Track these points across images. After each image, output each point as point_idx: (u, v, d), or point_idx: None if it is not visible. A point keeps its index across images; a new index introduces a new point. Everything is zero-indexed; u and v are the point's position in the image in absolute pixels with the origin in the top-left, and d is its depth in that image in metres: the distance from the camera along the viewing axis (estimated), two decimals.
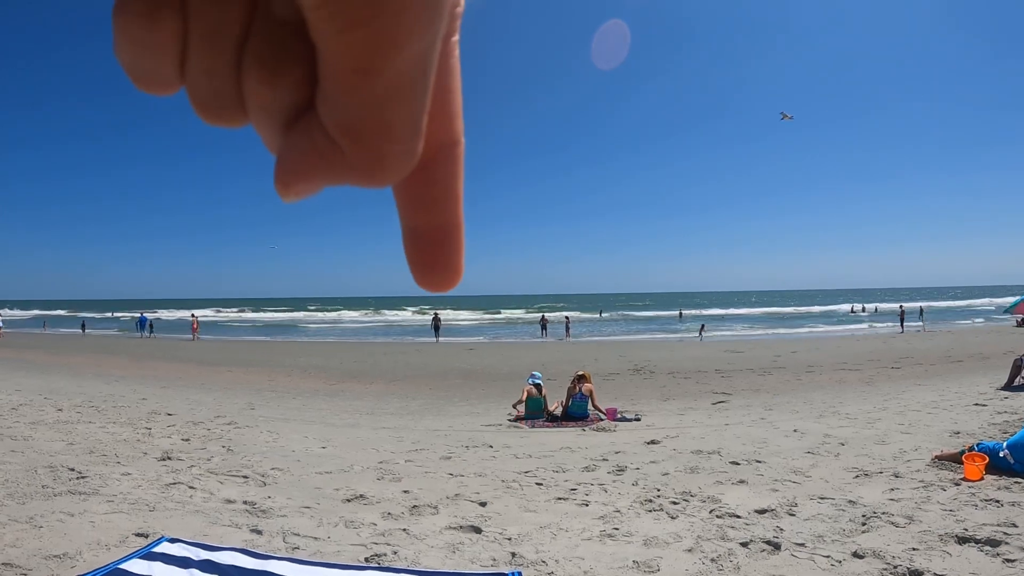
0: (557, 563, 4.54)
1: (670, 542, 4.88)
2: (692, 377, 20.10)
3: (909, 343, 31.68)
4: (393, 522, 5.73)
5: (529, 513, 5.90)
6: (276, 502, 6.38)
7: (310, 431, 11.18)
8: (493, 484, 7.06)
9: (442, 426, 12.07)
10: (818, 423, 10.23)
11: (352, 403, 16.20)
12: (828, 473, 6.85)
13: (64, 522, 5.55)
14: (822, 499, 5.84)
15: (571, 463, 8.12)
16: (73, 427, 10.37)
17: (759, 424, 10.59)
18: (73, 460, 7.90)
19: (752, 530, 5.03)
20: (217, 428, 10.95)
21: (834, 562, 4.36)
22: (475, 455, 8.96)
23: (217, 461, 8.28)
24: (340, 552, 4.98)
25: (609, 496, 6.38)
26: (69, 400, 14.00)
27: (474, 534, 5.32)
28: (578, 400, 12.68)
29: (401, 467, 8.10)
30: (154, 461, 8.14)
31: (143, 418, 11.77)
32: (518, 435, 11.00)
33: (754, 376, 19.81)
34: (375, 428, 11.86)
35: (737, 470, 7.25)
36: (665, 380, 19.67)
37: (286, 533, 5.42)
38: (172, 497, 6.49)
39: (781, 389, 16.51)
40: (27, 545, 4.94)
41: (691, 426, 10.90)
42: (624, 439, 9.89)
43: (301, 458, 8.69)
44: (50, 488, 6.59)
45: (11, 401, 13.26)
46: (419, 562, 4.71)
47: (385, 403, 16.23)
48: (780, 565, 4.36)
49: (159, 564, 4.65)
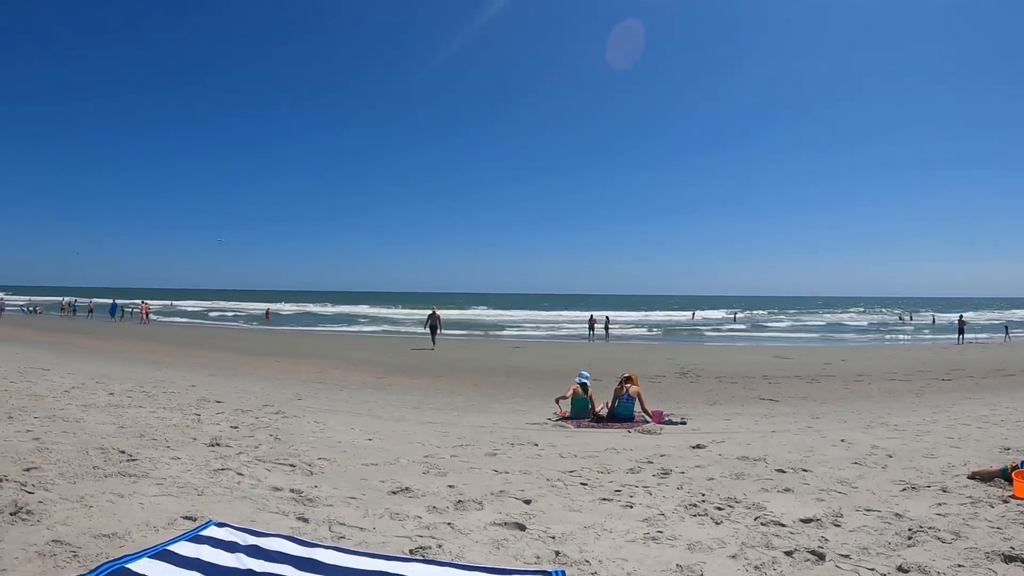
0: (600, 563, 4.55)
1: (714, 547, 4.87)
2: (739, 382, 19.98)
3: (961, 355, 31.25)
4: (438, 516, 5.77)
5: (573, 512, 5.91)
6: (322, 491, 6.45)
7: (357, 423, 11.27)
8: (538, 482, 7.09)
9: (487, 423, 12.11)
10: (866, 433, 10.14)
11: (399, 397, 16.27)
12: (875, 485, 6.79)
13: (114, 503, 5.64)
14: (868, 511, 5.79)
15: (616, 464, 8.12)
16: (124, 411, 10.53)
17: (806, 432, 10.51)
18: (124, 443, 8.02)
19: (797, 539, 5.01)
20: (265, 417, 11.08)
21: (878, 575, 4.34)
22: (520, 453, 8.99)
23: (265, 449, 8.39)
24: (385, 543, 5.02)
25: (653, 499, 6.38)
26: (120, 385, 14.22)
27: (518, 531, 5.34)
28: (624, 402, 12.66)
29: (447, 462, 8.16)
30: (203, 447, 8.26)
31: (192, 404, 11.93)
32: (563, 434, 11.01)
33: (802, 383, 19.64)
34: (421, 422, 11.93)
35: (783, 478, 7.20)
36: (712, 384, 19.57)
37: (332, 522, 5.48)
38: (220, 482, 6.58)
39: (829, 397, 16.35)
40: (77, 524, 5.03)
41: (737, 431, 10.84)
42: (669, 442, 9.87)
43: (347, 449, 8.77)
44: (101, 469, 6.70)
45: (64, 384, 13.48)
46: (463, 556, 4.74)
47: (431, 398, 16.29)
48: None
49: (206, 547, 4.72)
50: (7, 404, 10.26)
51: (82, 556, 4.41)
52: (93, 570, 4.19)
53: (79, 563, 4.30)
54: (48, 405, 10.52)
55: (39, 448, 7.42)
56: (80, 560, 4.34)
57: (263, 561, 4.48)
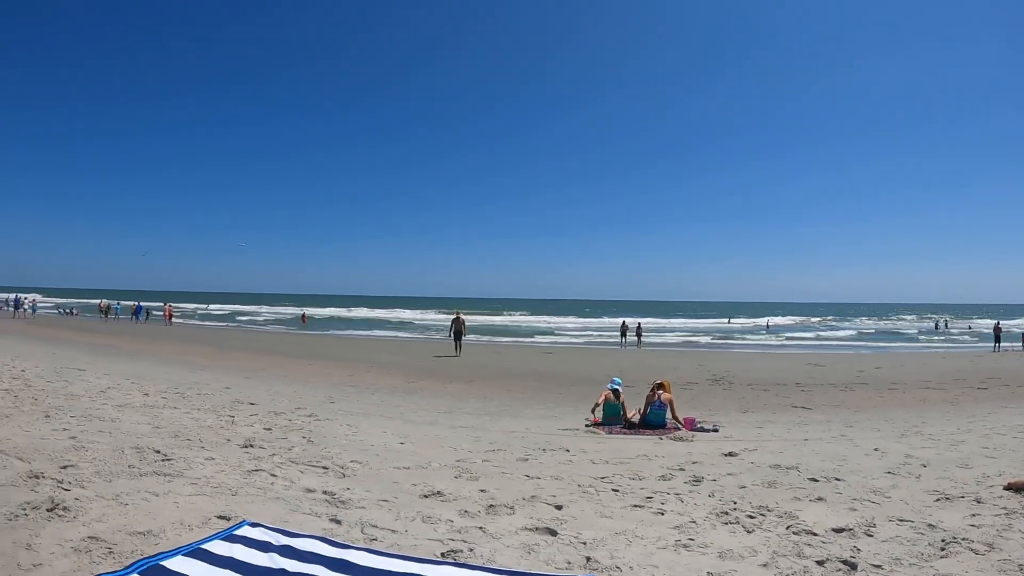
0: (631, 570, 4.55)
1: (745, 556, 4.86)
2: (771, 389, 19.87)
3: (997, 363, 30.91)
4: (470, 520, 5.78)
5: (604, 519, 5.91)
6: (355, 493, 6.49)
7: (389, 426, 11.32)
8: (569, 488, 7.09)
9: (519, 428, 12.13)
10: (899, 443, 10.05)
11: (430, 401, 16.33)
12: (908, 495, 6.73)
13: (149, 501, 5.72)
14: (901, 521, 5.74)
15: (647, 471, 8.11)
16: (159, 411, 10.64)
17: (839, 441, 10.44)
18: (159, 443, 8.12)
19: (829, 549, 4.98)
20: (298, 419, 11.15)
21: None
22: (552, 458, 8.99)
23: (298, 451, 8.45)
24: (417, 546, 5.05)
25: (685, 506, 6.36)
26: (155, 385, 14.38)
27: (549, 536, 5.35)
28: (656, 408, 12.63)
29: (478, 466, 8.18)
30: (237, 448, 8.33)
31: (226, 406, 12.04)
32: (595, 440, 11.01)
33: (835, 391, 19.49)
34: (453, 427, 11.97)
35: (815, 487, 7.16)
36: (744, 391, 19.47)
37: (364, 524, 5.52)
38: (254, 483, 6.64)
39: (863, 406, 16.22)
40: (112, 521, 5.10)
41: (769, 440, 10.79)
42: (701, 449, 9.84)
43: (380, 452, 8.81)
44: (136, 468, 6.78)
45: (100, 384, 13.64)
46: (494, 560, 4.75)
47: (463, 403, 16.33)
48: None
49: (240, 546, 4.77)
50: (44, 403, 10.40)
51: (117, 553, 4.47)
52: (128, 566, 4.24)
53: (114, 559, 4.35)
54: (84, 405, 10.64)
55: (75, 446, 7.52)
56: (115, 556, 4.40)
57: (296, 561, 4.52)
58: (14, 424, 8.55)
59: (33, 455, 6.94)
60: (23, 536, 4.61)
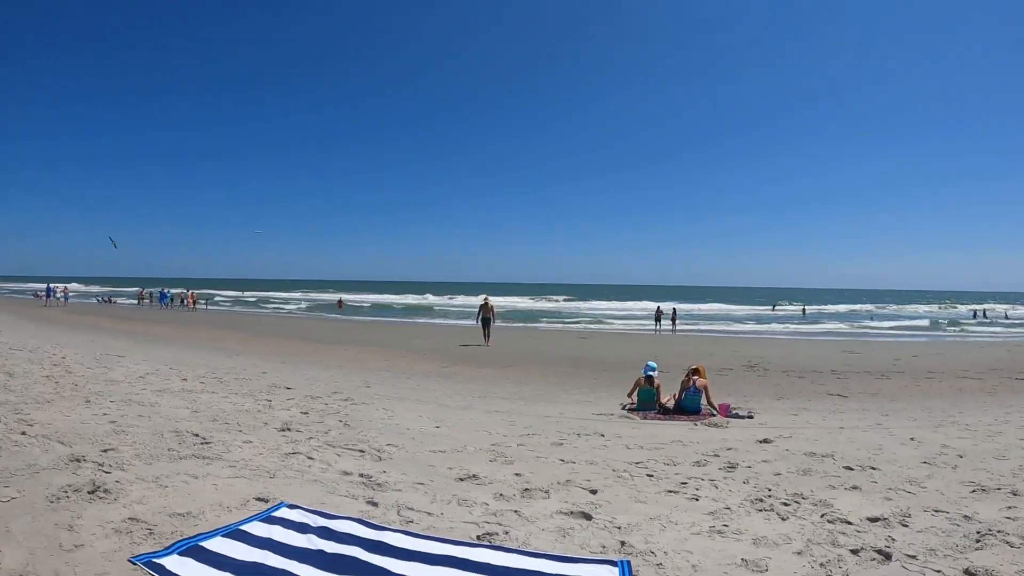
0: (666, 555, 4.56)
1: (779, 543, 4.85)
2: (807, 376, 19.71)
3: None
4: (505, 503, 5.83)
5: (639, 504, 5.93)
6: (391, 476, 6.56)
7: (424, 411, 11.37)
8: (604, 473, 7.11)
9: (554, 412, 12.15)
10: (936, 432, 9.97)
11: (465, 386, 16.37)
12: (944, 485, 6.67)
13: (188, 483, 5.81)
14: (936, 512, 5.70)
15: (682, 457, 8.10)
16: (197, 396, 10.76)
17: (875, 429, 10.36)
18: (197, 426, 8.23)
19: (863, 538, 4.96)
20: (334, 403, 11.23)
21: None
22: (586, 443, 9.00)
23: (334, 434, 8.52)
24: (452, 528, 5.10)
25: (719, 492, 6.36)
26: (193, 371, 14.53)
27: (584, 520, 5.38)
28: (691, 394, 12.60)
29: (513, 450, 8.21)
30: (274, 431, 8.42)
31: (263, 391, 12.15)
32: (629, 425, 11.01)
33: (871, 379, 19.28)
34: (487, 411, 12.01)
35: (850, 475, 7.11)
36: (779, 378, 19.34)
37: (400, 507, 5.58)
38: (291, 466, 6.73)
39: (899, 395, 16.06)
40: (152, 503, 5.20)
41: (804, 427, 10.73)
42: (736, 436, 9.81)
43: (415, 436, 8.87)
44: (175, 451, 6.89)
45: (139, 370, 13.81)
46: (529, 544, 4.79)
47: (497, 387, 16.35)
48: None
49: (278, 528, 4.84)
50: (85, 389, 10.54)
51: (157, 533, 4.55)
52: (168, 547, 4.32)
53: (154, 540, 4.44)
54: (124, 390, 10.79)
55: (116, 431, 7.64)
56: (155, 537, 4.49)
57: (333, 543, 4.58)
58: (55, 409, 8.69)
59: (74, 439, 7.07)
60: (65, 518, 4.70)
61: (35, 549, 4.14)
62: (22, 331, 26.84)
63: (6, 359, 13.86)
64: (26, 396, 9.43)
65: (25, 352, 15.90)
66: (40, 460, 6.12)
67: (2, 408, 8.41)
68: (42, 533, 4.39)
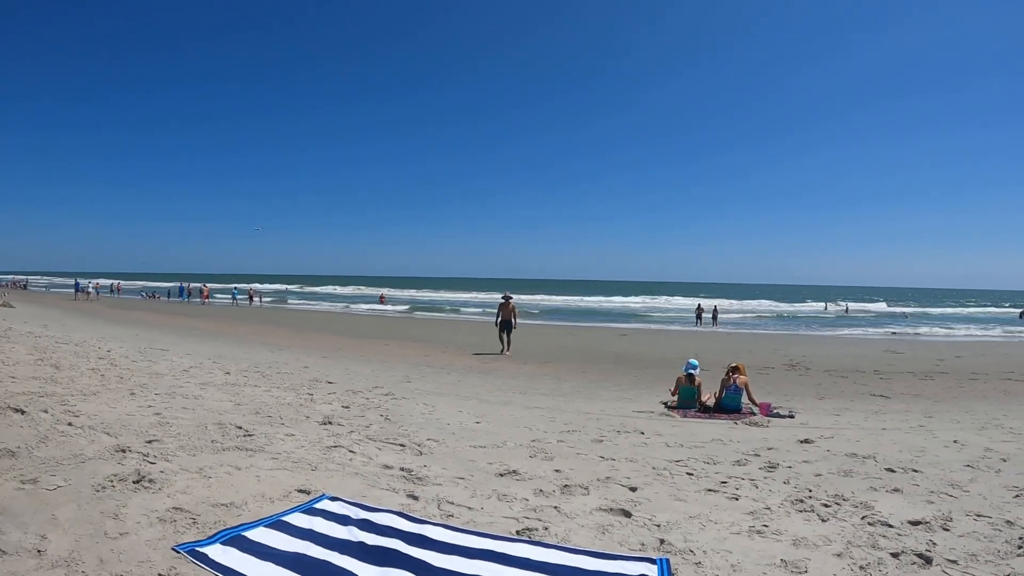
0: (705, 554, 4.55)
1: (819, 544, 4.82)
2: (849, 376, 19.53)
3: None
4: (544, 499, 5.84)
5: (679, 502, 5.91)
6: (432, 471, 6.59)
7: (464, 406, 11.42)
8: (644, 470, 7.10)
9: (594, 409, 12.13)
10: (979, 435, 9.83)
11: (505, 382, 16.39)
12: (987, 489, 6.58)
13: (231, 474, 5.89)
14: (979, 516, 5.62)
15: (722, 456, 8.07)
16: (240, 389, 10.88)
17: (917, 431, 10.25)
18: (240, 419, 8.32)
19: (904, 541, 4.91)
20: (375, 398, 11.31)
21: None
22: (626, 440, 9.00)
23: (375, 428, 8.58)
24: (492, 523, 5.12)
25: (759, 492, 6.33)
26: (236, 365, 14.70)
27: (624, 517, 5.38)
28: (732, 392, 12.55)
29: (553, 447, 8.22)
30: (316, 425, 8.50)
31: (305, 385, 12.26)
32: (669, 423, 10.98)
33: (914, 380, 19.05)
34: (528, 407, 12.02)
35: (892, 477, 7.04)
36: (821, 378, 19.17)
37: (441, 501, 5.61)
38: (333, 459, 6.79)
39: (942, 396, 15.85)
40: (196, 493, 5.28)
41: (846, 428, 10.63)
42: (777, 435, 9.75)
43: (456, 431, 8.91)
44: (219, 443, 6.98)
45: (183, 364, 13.99)
46: (569, 540, 4.80)
47: (538, 383, 16.36)
48: None
49: (320, 519, 4.89)
50: (130, 381, 10.70)
51: (201, 523, 4.62)
52: (211, 536, 4.38)
53: (198, 530, 4.50)
54: (168, 383, 10.93)
55: (160, 422, 7.75)
56: (199, 527, 4.55)
57: (374, 535, 4.61)
58: (101, 401, 8.82)
59: (120, 430, 7.17)
60: (110, 506, 4.77)
61: (80, 536, 4.21)
62: (66, 326, 27.29)
63: (53, 352, 14.10)
64: (72, 388, 9.57)
65: (71, 346, 16.16)
66: (86, 450, 6.22)
67: (49, 400, 8.55)
68: (88, 521, 4.47)
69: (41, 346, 15.28)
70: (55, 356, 13.35)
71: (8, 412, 7.45)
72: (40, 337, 17.97)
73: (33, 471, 5.46)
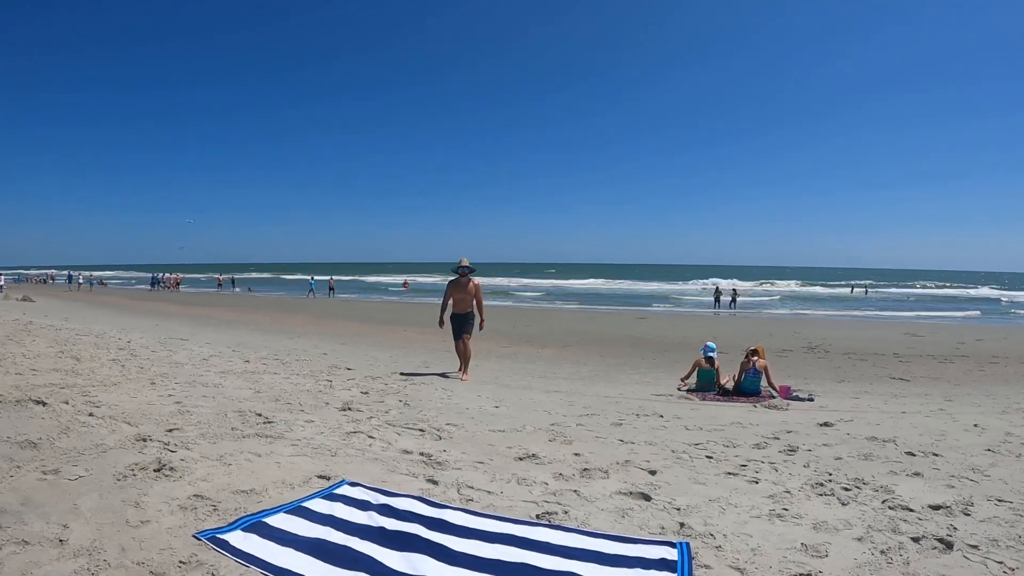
0: (725, 537, 4.54)
1: (840, 528, 4.81)
2: (869, 359, 19.45)
3: None
4: (564, 483, 5.84)
5: (698, 485, 5.90)
6: (451, 455, 6.60)
7: (484, 391, 11.43)
8: (663, 454, 7.10)
9: (613, 393, 12.15)
10: (1000, 419, 9.75)
11: (525, 366, 16.44)
12: (1008, 474, 6.52)
13: (252, 461, 5.91)
14: (1000, 501, 5.58)
15: (742, 439, 8.06)
16: (259, 377, 10.92)
17: (937, 415, 10.20)
18: (260, 407, 8.35)
19: (924, 526, 4.88)
20: (394, 383, 11.35)
21: (1007, 569, 4.16)
22: (645, 423, 9.00)
23: (394, 414, 8.60)
24: (512, 507, 5.13)
25: (779, 475, 6.31)
26: (255, 353, 14.76)
27: (643, 501, 5.38)
28: (751, 375, 12.53)
29: (572, 430, 8.22)
30: (335, 411, 8.52)
31: (324, 371, 12.30)
32: (688, 407, 10.97)
33: (934, 363, 18.95)
34: (547, 391, 12.03)
35: (912, 461, 7.00)
36: (840, 361, 19.12)
37: (461, 485, 5.62)
38: (352, 444, 6.81)
39: (963, 379, 15.78)
40: (217, 480, 5.30)
41: (866, 411, 10.60)
42: (796, 419, 9.73)
43: (475, 416, 8.92)
44: (239, 430, 7.00)
45: (203, 352, 14.05)
46: (589, 523, 4.80)
47: (557, 368, 16.40)
48: (951, 565, 4.21)
49: (340, 505, 4.91)
50: (150, 371, 10.74)
51: (221, 510, 4.64)
52: (232, 523, 4.40)
53: (219, 516, 4.52)
54: (188, 372, 10.98)
55: (180, 411, 7.78)
56: (220, 514, 4.57)
57: (394, 520, 4.63)
58: (122, 391, 8.86)
59: (140, 419, 7.21)
60: (132, 495, 4.80)
61: (102, 525, 4.24)
62: (85, 318, 27.46)
63: (74, 344, 14.15)
64: (93, 379, 9.62)
65: (92, 337, 16.22)
66: (107, 440, 6.25)
67: (70, 391, 8.59)
68: (109, 510, 4.50)
69: (62, 338, 15.34)
70: (76, 348, 13.41)
71: (30, 404, 7.50)
72: (60, 330, 18.05)
73: (55, 462, 5.49)
